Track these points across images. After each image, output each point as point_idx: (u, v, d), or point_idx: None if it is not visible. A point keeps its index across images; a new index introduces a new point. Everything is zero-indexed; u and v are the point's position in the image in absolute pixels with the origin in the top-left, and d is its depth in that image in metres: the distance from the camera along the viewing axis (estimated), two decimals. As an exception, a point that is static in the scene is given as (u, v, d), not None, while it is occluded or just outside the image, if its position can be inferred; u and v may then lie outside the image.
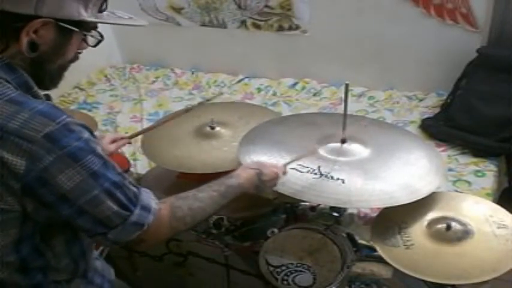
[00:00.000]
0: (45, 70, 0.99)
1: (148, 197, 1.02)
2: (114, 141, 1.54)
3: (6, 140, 0.86)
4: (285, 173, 1.32)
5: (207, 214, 1.13)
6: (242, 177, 1.21)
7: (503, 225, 1.32)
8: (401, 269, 1.25)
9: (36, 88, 0.98)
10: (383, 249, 1.31)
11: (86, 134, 0.93)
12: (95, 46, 1.04)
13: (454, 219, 1.33)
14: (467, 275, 1.21)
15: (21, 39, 0.92)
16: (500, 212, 1.37)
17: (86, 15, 0.96)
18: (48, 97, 1.03)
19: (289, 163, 1.35)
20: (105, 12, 1.02)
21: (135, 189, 1.00)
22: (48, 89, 1.04)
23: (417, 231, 1.34)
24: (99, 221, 0.95)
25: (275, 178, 1.27)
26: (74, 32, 0.97)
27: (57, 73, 1.02)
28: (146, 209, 1.00)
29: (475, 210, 1.39)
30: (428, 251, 1.28)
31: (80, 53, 1.04)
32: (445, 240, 1.29)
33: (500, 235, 1.29)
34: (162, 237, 1.05)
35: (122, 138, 1.57)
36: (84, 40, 1.02)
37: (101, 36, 1.03)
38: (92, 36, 1.02)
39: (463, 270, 1.22)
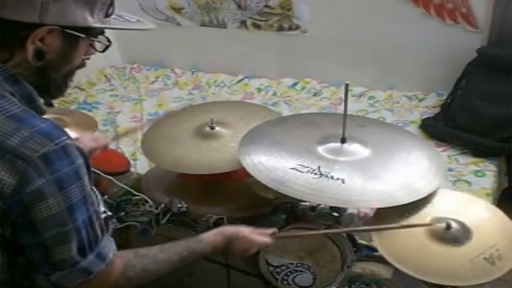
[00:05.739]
0: (51, 78, 0.97)
1: (108, 245, 0.99)
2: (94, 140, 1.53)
3: (2, 158, 0.83)
4: (272, 238, 1.26)
5: (158, 276, 1.09)
6: (210, 244, 1.16)
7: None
8: (401, 268, 1.25)
9: (39, 101, 0.96)
10: (382, 244, 1.31)
11: (80, 161, 0.90)
12: (103, 51, 1.02)
13: (454, 220, 1.32)
14: (464, 277, 1.21)
15: (27, 48, 0.90)
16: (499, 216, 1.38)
17: (92, 21, 0.94)
18: (50, 103, 1.02)
19: (282, 236, 1.31)
20: (112, 16, 0.99)
21: (100, 232, 0.97)
22: (54, 97, 1.02)
23: (417, 229, 1.33)
24: (51, 262, 0.91)
25: (245, 252, 1.23)
26: (80, 39, 0.95)
27: (62, 81, 1.00)
28: (101, 257, 0.96)
29: (476, 212, 1.39)
30: (427, 250, 1.28)
31: (88, 58, 1.02)
32: (444, 241, 1.28)
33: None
34: None
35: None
36: (92, 46, 1.00)
37: (109, 41, 1.01)
38: (99, 41, 0.99)
39: (460, 272, 1.22)
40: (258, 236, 1.24)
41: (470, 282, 1.21)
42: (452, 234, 1.29)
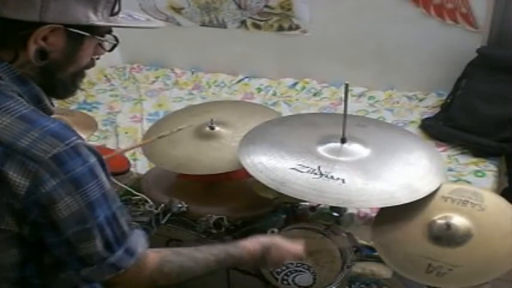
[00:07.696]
0: (57, 79, 0.95)
1: (137, 240, 0.98)
2: None
3: (14, 159, 0.83)
4: (300, 254, 1.24)
5: (194, 276, 1.08)
6: (247, 250, 1.14)
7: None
8: (400, 272, 1.25)
9: (47, 101, 0.95)
10: (382, 249, 1.31)
11: (93, 159, 0.90)
12: (110, 50, 1.01)
13: (454, 219, 1.32)
14: (466, 279, 1.21)
15: (29, 47, 0.88)
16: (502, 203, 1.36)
17: (96, 19, 0.92)
18: (50, 103, 1.00)
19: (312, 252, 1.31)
20: (120, 15, 0.97)
21: (126, 228, 0.96)
22: (63, 98, 1.01)
23: (417, 231, 1.33)
24: (78, 258, 0.92)
25: (281, 260, 1.22)
26: (85, 37, 0.93)
27: (70, 81, 0.98)
28: (130, 252, 0.96)
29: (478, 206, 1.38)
30: (426, 253, 1.28)
31: (97, 58, 1.01)
32: (444, 242, 1.28)
33: (500, 234, 1.29)
34: (136, 285, 1.00)
35: None
36: (101, 45, 0.98)
37: (116, 40, 0.99)
38: (106, 41, 0.98)
39: (462, 274, 1.22)
40: (292, 245, 1.23)
41: (401, 272, 1.25)
42: (452, 234, 1.29)
